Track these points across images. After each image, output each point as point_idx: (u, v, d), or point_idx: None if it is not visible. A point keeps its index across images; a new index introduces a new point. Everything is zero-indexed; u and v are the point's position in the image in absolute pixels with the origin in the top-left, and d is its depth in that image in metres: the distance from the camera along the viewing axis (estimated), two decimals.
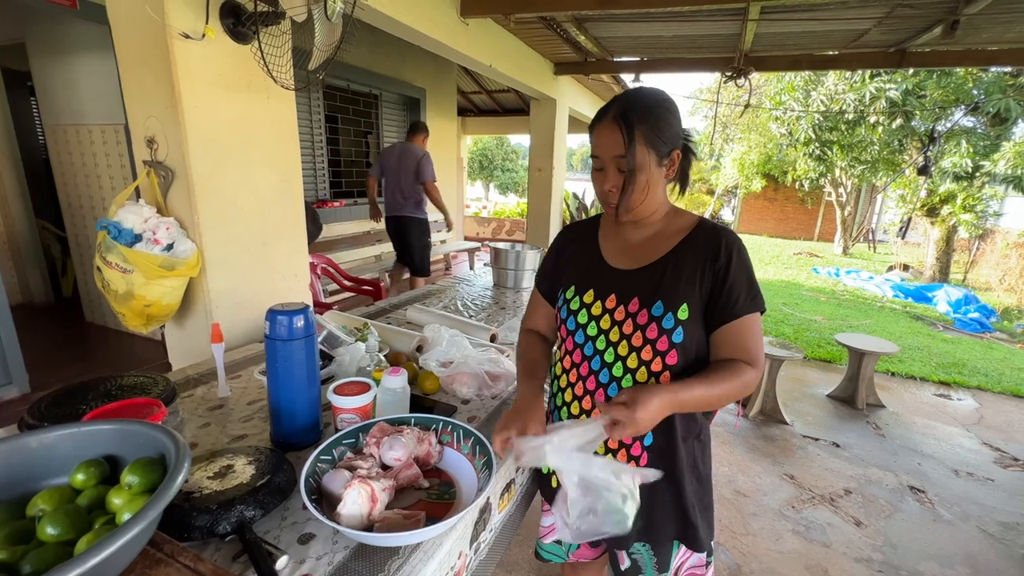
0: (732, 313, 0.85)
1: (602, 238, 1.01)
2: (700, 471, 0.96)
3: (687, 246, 0.90)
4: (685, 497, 0.93)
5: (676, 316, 0.85)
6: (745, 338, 0.86)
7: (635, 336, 0.87)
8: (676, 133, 0.88)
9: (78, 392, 0.99)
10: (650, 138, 0.84)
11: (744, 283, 0.86)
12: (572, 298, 0.96)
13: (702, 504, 0.96)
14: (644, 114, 0.84)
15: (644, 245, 0.94)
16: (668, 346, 0.85)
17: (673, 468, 0.91)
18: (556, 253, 1.07)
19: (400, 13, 2.39)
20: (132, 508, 0.60)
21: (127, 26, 1.53)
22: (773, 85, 9.51)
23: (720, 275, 0.86)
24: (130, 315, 1.60)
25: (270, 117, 1.82)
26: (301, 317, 0.94)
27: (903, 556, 2.02)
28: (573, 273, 0.99)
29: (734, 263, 0.86)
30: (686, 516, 0.93)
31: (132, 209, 1.53)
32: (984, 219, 8.06)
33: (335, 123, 4.73)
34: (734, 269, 0.86)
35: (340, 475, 0.81)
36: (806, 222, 14.87)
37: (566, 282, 0.99)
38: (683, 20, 3.31)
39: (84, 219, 3.71)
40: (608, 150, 0.86)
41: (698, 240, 0.90)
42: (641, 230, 0.95)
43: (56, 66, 3.47)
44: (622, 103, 0.86)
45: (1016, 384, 3.95)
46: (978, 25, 3.04)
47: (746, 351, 0.85)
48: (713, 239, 0.89)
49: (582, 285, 0.96)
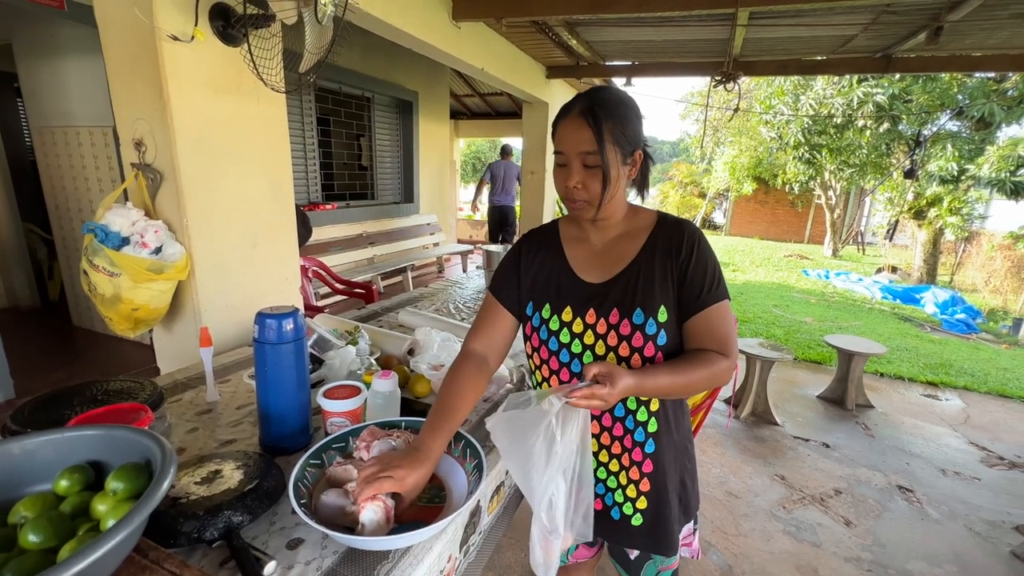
0: (697, 305, 0.86)
1: (566, 246, 0.98)
2: (686, 449, 0.99)
3: (653, 247, 0.90)
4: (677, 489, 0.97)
5: (657, 320, 0.86)
6: (714, 328, 0.86)
7: (621, 347, 0.87)
8: (638, 134, 0.88)
9: (63, 397, 0.97)
10: (616, 135, 0.83)
11: (707, 274, 0.87)
12: (550, 318, 0.93)
13: (691, 479, 1.01)
14: (610, 111, 0.83)
15: (610, 250, 0.93)
16: (654, 351, 0.86)
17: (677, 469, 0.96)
18: (517, 263, 1.00)
19: (392, 16, 2.39)
20: (117, 514, 0.59)
21: (115, 28, 1.52)
22: (763, 89, 9.61)
23: (683, 269, 0.87)
24: (117, 319, 1.58)
25: (260, 119, 1.81)
26: (290, 320, 0.93)
27: (892, 555, 2.04)
28: (545, 290, 0.95)
29: (695, 256, 0.87)
30: (681, 497, 0.98)
31: (119, 212, 1.51)
32: (970, 222, 8.20)
33: (327, 126, 4.71)
34: (695, 262, 0.87)
35: (332, 495, 0.79)
36: (796, 225, 15.02)
37: (539, 300, 0.95)
38: (673, 25, 3.34)
39: (71, 222, 3.67)
40: (574, 146, 0.84)
41: (661, 238, 0.90)
42: (604, 232, 0.94)
43: (44, 67, 3.43)
44: (588, 99, 0.85)
45: (1001, 384, 4.02)
46: (961, 31, 3.10)
47: (717, 341, 0.86)
48: (675, 235, 0.89)
49: (557, 303, 0.93)
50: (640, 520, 0.96)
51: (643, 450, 0.93)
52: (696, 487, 1.03)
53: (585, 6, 2.74)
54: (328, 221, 4.64)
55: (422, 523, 0.75)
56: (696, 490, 1.03)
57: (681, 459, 0.97)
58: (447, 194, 6.83)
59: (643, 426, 0.92)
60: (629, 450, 0.93)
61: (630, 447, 0.93)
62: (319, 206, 4.59)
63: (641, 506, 0.95)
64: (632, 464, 0.93)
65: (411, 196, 5.97)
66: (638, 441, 0.92)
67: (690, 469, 1.00)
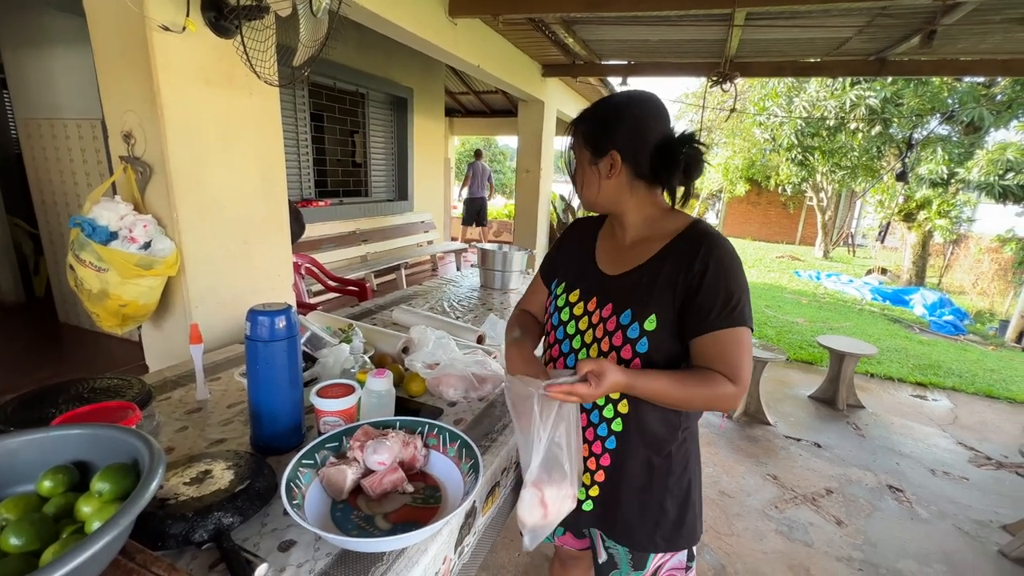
0: (704, 326, 0.81)
1: (600, 238, 1.03)
2: (676, 475, 0.95)
3: (668, 253, 0.88)
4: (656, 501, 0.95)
5: (642, 327, 0.85)
6: (725, 353, 0.81)
7: (604, 341, 0.89)
8: (620, 136, 0.87)
9: (48, 395, 0.95)
10: (586, 137, 0.91)
11: (720, 295, 0.80)
12: (561, 294, 1.00)
13: (682, 505, 0.96)
14: (587, 115, 0.92)
15: (632, 249, 0.94)
16: (632, 354, 0.86)
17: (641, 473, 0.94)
18: (560, 244, 1.11)
19: (387, 11, 2.37)
20: (102, 516, 0.57)
21: (104, 17, 1.49)
22: (757, 91, 9.68)
23: (694, 285, 0.82)
24: (105, 315, 1.55)
25: (253, 113, 1.79)
26: (283, 318, 0.91)
27: (882, 554, 2.05)
28: (567, 270, 1.03)
29: (710, 273, 0.81)
30: (659, 519, 0.95)
31: (107, 206, 1.48)
32: (958, 224, 8.32)
33: (321, 122, 4.67)
34: (709, 280, 0.81)
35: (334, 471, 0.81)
36: (788, 226, 15.15)
37: (562, 277, 1.03)
38: (670, 24, 3.34)
39: (58, 216, 3.60)
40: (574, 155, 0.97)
41: (679, 247, 0.87)
42: (626, 232, 0.96)
43: (30, 58, 3.36)
44: (584, 114, 0.94)
45: (989, 385, 4.07)
46: (954, 36, 3.13)
47: (725, 366, 0.80)
48: (693, 247, 0.85)
49: (572, 283, 0.99)
50: (591, 506, 0.99)
51: (603, 444, 0.95)
52: (692, 519, 0.97)
53: (582, 4, 2.73)
54: (321, 218, 4.60)
55: (418, 524, 0.74)
56: (691, 523, 0.97)
57: (666, 479, 0.94)
58: (441, 192, 6.80)
59: (608, 423, 0.93)
60: (590, 442, 0.96)
61: (591, 439, 0.95)
62: (312, 202, 4.54)
63: (593, 493, 0.98)
64: (591, 455, 0.96)
65: (405, 194, 5.93)
66: (600, 435, 0.94)
67: (677, 495, 0.95)
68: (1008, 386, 4.11)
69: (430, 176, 6.37)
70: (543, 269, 1.13)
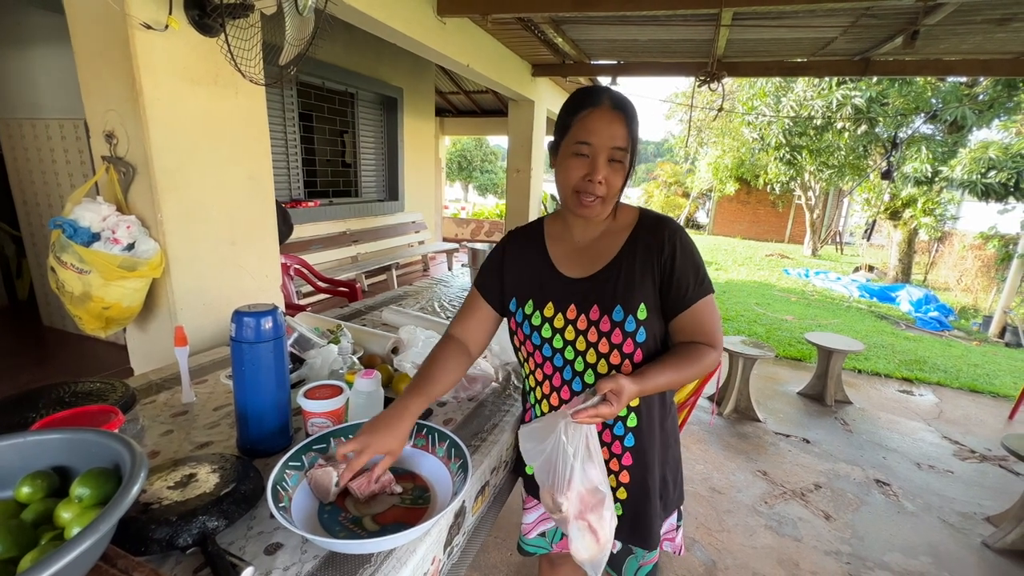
0: (685, 302, 0.87)
1: (549, 243, 0.98)
2: (672, 447, 1.00)
3: (634, 244, 0.90)
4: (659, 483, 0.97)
5: (636, 317, 0.86)
6: (703, 323, 0.88)
7: (601, 343, 0.88)
8: None
9: (28, 400, 0.93)
10: (636, 135, 0.85)
11: (691, 271, 0.87)
12: (532, 313, 0.93)
13: (675, 471, 1.02)
14: (634, 111, 0.85)
15: (592, 247, 0.93)
16: (633, 347, 0.87)
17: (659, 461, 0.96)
18: (501, 260, 1.01)
19: (375, 10, 2.36)
20: (82, 522, 0.56)
21: (84, 15, 1.46)
22: (745, 91, 9.75)
23: (667, 268, 0.87)
24: (87, 318, 1.53)
25: (239, 113, 1.77)
26: (269, 319, 0.90)
27: (870, 548, 2.08)
28: (527, 286, 0.96)
29: (679, 254, 0.87)
30: (662, 493, 0.98)
31: (89, 207, 1.46)
32: (943, 222, 8.44)
33: (310, 121, 4.63)
34: (679, 259, 0.87)
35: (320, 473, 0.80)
36: (777, 224, 15.30)
37: (522, 296, 0.95)
38: (658, 24, 3.36)
39: (41, 217, 3.54)
40: (607, 139, 0.81)
41: (642, 236, 0.90)
42: (591, 229, 0.94)
43: (9, 57, 3.30)
44: (613, 95, 0.84)
45: (972, 380, 4.14)
46: (936, 36, 3.18)
47: (704, 334, 0.88)
48: (656, 233, 0.89)
49: (540, 298, 0.93)
50: (620, 511, 0.97)
51: (623, 443, 0.94)
52: (680, 482, 1.04)
53: (569, 3, 2.73)
54: (310, 218, 4.57)
55: (406, 525, 0.73)
56: (680, 486, 1.04)
57: (664, 455, 0.98)
58: (432, 192, 6.78)
59: (623, 421, 0.93)
60: (609, 444, 0.94)
61: (609, 441, 0.94)
62: (301, 203, 4.51)
63: (621, 496, 0.97)
64: (612, 457, 0.95)
65: (396, 194, 5.91)
66: (617, 435, 0.94)
67: (672, 465, 1.01)
68: (991, 380, 4.19)
69: (421, 176, 6.35)
70: (484, 288, 1.01)
